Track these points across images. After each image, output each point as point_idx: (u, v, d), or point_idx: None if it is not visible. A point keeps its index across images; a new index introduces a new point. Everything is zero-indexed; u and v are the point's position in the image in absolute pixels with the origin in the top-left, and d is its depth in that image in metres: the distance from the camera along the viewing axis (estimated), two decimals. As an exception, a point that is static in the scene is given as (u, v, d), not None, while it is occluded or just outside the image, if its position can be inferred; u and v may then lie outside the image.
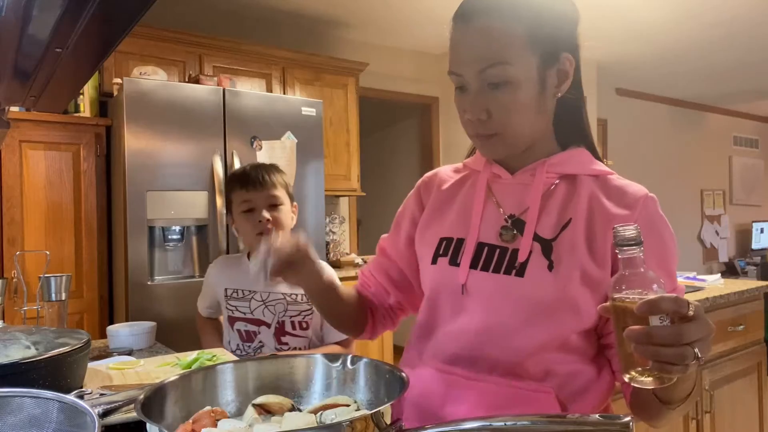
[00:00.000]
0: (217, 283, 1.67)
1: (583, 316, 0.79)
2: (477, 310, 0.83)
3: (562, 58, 0.82)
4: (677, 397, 0.73)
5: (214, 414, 0.68)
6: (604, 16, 3.97)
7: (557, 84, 0.83)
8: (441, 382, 0.80)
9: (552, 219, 0.82)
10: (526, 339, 0.80)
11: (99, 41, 0.78)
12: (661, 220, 0.83)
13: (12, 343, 0.97)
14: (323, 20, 3.95)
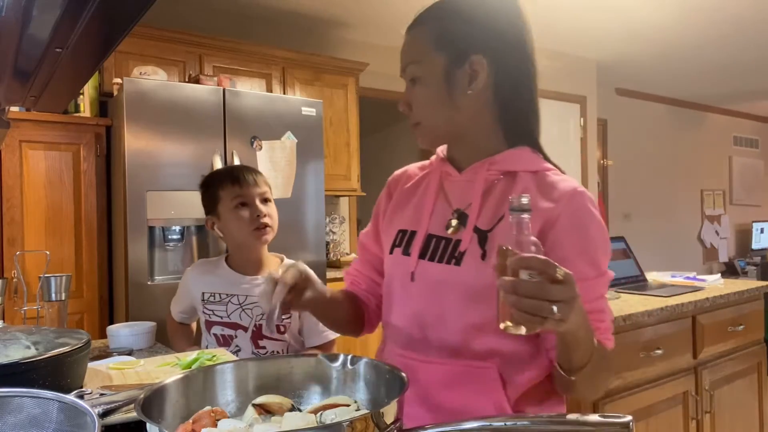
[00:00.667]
0: (194, 287, 1.63)
1: None
2: (423, 297, 0.92)
3: (472, 60, 0.89)
4: (575, 366, 0.80)
5: (214, 414, 0.68)
6: (604, 16, 3.97)
7: (468, 83, 0.90)
8: (400, 365, 0.82)
9: (490, 212, 0.90)
10: (465, 322, 0.88)
11: (99, 41, 0.78)
12: (587, 213, 0.87)
13: (12, 343, 0.97)
14: (323, 20, 3.94)
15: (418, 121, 0.94)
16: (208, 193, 1.62)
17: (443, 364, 0.89)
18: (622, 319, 1.86)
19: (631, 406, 1.88)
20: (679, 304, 2.06)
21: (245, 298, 1.56)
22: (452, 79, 0.90)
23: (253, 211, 1.55)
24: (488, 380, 0.87)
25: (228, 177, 1.58)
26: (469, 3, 0.92)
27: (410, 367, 0.86)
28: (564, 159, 4.85)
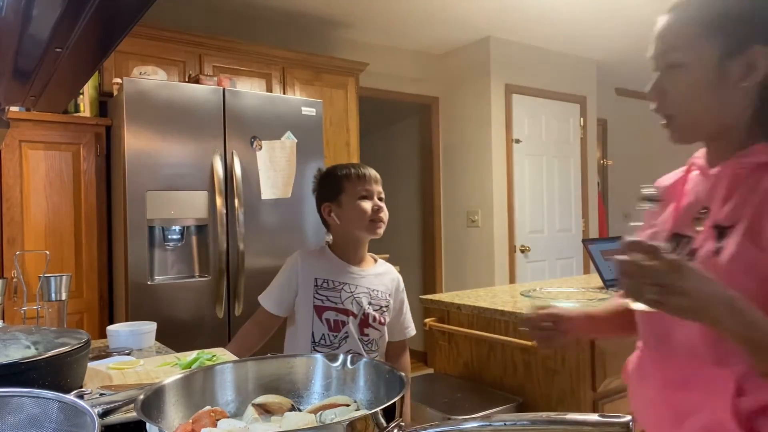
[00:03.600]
0: (307, 273, 1.68)
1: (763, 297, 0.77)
2: None
3: (751, 51, 0.82)
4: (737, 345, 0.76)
5: (214, 414, 0.68)
6: (604, 16, 3.97)
7: (742, 76, 0.83)
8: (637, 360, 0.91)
9: (734, 208, 0.83)
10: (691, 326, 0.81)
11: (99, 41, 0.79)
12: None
13: (12, 343, 0.97)
14: (323, 20, 3.95)
15: (672, 112, 0.88)
16: (330, 182, 1.75)
17: (679, 362, 0.85)
18: (622, 319, 1.86)
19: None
20: (679, 304, 2.06)
21: (356, 287, 1.67)
22: (725, 69, 0.83)
23: (374, 205, 1.67)
24: (719, 385, 0.80)
25: (354, 171, 1.71)
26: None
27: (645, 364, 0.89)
28: (564, 159, 4.85)
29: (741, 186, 0.85)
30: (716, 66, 0.83)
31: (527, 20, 4.03)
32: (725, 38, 0.82)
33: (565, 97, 4.84)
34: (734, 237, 0.81)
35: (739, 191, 0.84)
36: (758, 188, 0.82)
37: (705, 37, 0.83)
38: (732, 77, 0.83)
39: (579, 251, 4.84)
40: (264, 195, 2.86)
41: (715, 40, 0.83)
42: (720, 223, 0.84)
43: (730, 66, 0.83)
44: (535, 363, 1.90)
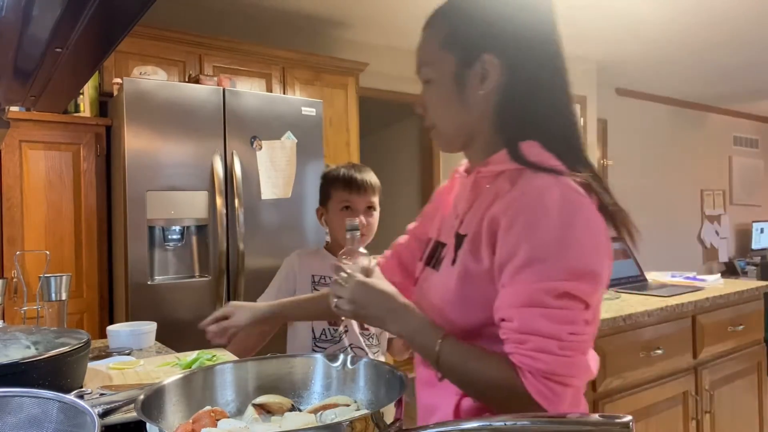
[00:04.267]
0: (303, 271, 1.72)
1: (477, 307, 0.82)
2: (420, 301, 0.93)
3: (483, 60, 0.86)
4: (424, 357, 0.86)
5: (214, 414, 0.68)
6: (604, 16, 3.97)
7: (479, 82, 0.87)
8: None
9: (472, 216, 0.87)
10: (446, 326, 0.84)
11: (99, 41, 0.79)
12: (535, 213, 0.76)
13: (12, 343, 0.97)
14: (323, 20, 3.94)
15: (433, 123, 0.93)
16: (323, 187, 1.76)
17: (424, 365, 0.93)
18: (622, 319, 1.86)
19: (631, 406, 1.88)
20: (679, 304, 2.06)
21: None
22: (463, 79, 0.88)
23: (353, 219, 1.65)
24: (451, 386, 0.84)
25: (342, 180, 1.70)
26: (477, 4, 0.89)
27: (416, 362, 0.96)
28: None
29: (481, 195, 0.88)
30: (456, 77, 0.88)
31: (527, 20, 4.03)
32: (461, 50, 0.87)
33: (565, 97, 4.84)
34: (465, 246, 0.85)
35: (479, 200, 0.87)
36: (489, 197, 0.85)
37: (444, 51, 0.89)
38: (470, 86, 0.87)
39: (579, 251, 4.84)
40: (264, 195, 2.86)
41: (453, 53, 0.88)
42: (460, 231, 0.88)
43: (467, 76, 0.87)
44: (535, 363, 1.90)
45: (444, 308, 0.85)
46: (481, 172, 0.89)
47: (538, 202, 0.76)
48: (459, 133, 0.92)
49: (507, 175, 0.84)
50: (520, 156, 0.83)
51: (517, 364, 0.74)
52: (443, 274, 0.88)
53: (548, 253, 0.74)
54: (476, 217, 0.85)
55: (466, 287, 0.83)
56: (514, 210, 0.77)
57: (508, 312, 0.75)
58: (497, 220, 0.79)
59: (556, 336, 0.72)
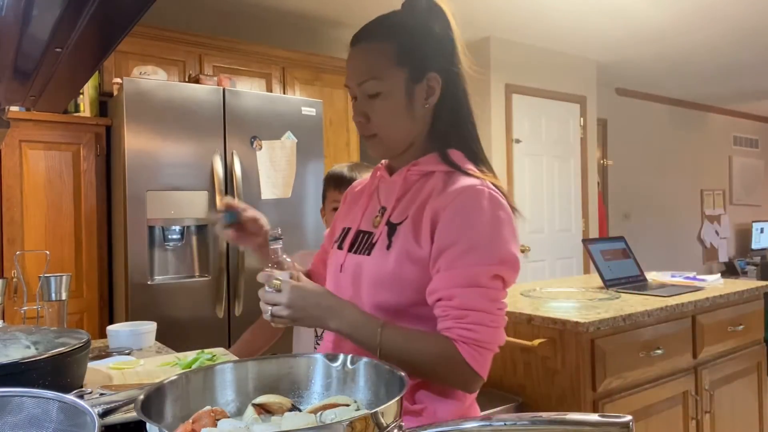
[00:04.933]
0: None
1: (412, 288, 0.93)
2: (347, 285, 1.01)
3: (429, 77, 0.98)
4: (365, 347, 0.90)
5: (214, 414, 0.68)
6: (605, 16, 3.97)
7: (425, 97, 0.98)
8: (331, 343, 1.03)
9: (403, 208, 0.98)
10: (373, 305, 0.95)
11: (99, 41, 0.79)
12: (473, 209, 0.90)
13: (12, 342, 0.97)
14: (323, 20, 3.94)
15: (375, 132, 1.00)
16: (323, 187, 1.77)
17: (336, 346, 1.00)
18: (622, 319, 1.86)
19: (631, 406, 1.88)
20: (679, 304, 2.06)
21: None
22: (412, 93, 0.98)
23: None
24: None
25: (333, 180, 1.71)
26: (421, 23, 0.99)
27: (338, 345, 1.00)
28: (564, 159, 4.85)
29: (411, 190, 1.00)
30: (406, 91, 0.97)
31: (527, 20, 4.03)
32: (411, 68, 0.97)
33: (565, 97, 4.84)
34: (401, 233, 0.95)
35: (409, 194, 1.00)
36: (422, 192, 0.97)
37: (395, 67, 0.97)
38: (419, 99, 0.98)
39: (579, 251, 4.84)
40: (264, 195, 2.86)
41: (403, 70, 0.97)
42: (392, 220, 0.98)
43: (416, 90, 0.98)
44: (535, 363, 1.90)
45: (377, 289, 0.95)
46: (411, 171, 1.01)
47: (474, 201, 0.90)
48: (404, 141, 1.01)
49: (438, 175, 0.98)
50: (451, 161, 0.98)
51: (455, 337, 0.87)
52: (377, 258, 0.96)
53: (483, 243, 0.89)
54: (410, 208, 0.97)
55: (404, 269, 0.93)
56: (455, 206, 0.91)
57: (449, 292, 0.88)
58: (438, 213, 0.92)
59: (489, 311, 0.88)
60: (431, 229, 0.92)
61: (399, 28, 0.99)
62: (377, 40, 0.99)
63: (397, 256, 0.93)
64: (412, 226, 0.94)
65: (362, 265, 0.99)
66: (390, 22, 1.00)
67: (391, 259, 0.94)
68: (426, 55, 0.98)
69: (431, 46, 0.99)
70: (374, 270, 0.96)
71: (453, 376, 0.90)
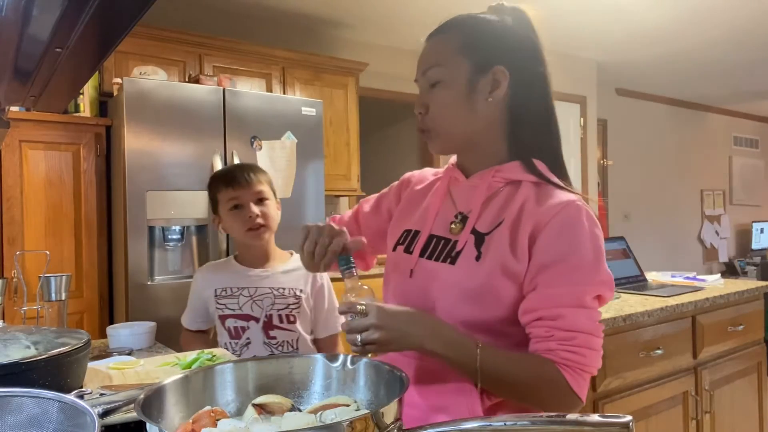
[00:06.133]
0: (206, 287, 1.67)
1: (503, 304, 0.88)
2: (419, 293, 0.95)
3: (495, 69, 0.93)
4: (464, 373, 0.85)
5: (214, 414, 0.68)
6: (605, 16, 3.97)
7: (489, 90, 0.93)
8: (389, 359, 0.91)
9: (490, 217, 0.93)
10: (455, 320, 0.88)
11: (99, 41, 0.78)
12: (575, 225, 0.87)
13: (12, 343, 0.97)
14: (323, 20, 3.94)
15: (433, 125, 0.96)
16: (210, 195, 1.68)
17: (423, 360, 0.91)
18: (622, 319, 1.86)
19: (631, 406, 1.88)
20: (679, 304, 2.06)
21: (255, 289, 1.62)
22: (475, 85, 0.93)
23: (245, 213, 1.60)
24: (467, 387, 0.87)
25: (222, 180, 1.64)
26: (492, 17, 0.96)
27: (394, 360, 0.89)
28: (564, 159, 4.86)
29: (497, 197, 0.94)
30: (468, 81, 0.93)
31: (527, 20, 4.03)
32: (475, 58, 0.93)
33: (565, 97, 4.84)
34: (493, 244, 0.89)
35: (496, 202, 0.94)
36: (513, 201, 0.92)
37: (459, 56, 0.93)
38: (481, 92, 0.93)
39: (579, 251, 4.84)
40: (264, 195, 2.86)
41: (468, 59, 0.93)
42: (478, 229, 0.92)
43: (479, 82, 0.93)
44: (535, 363, 1.90)
45: (463, 302, 0.89)
46: (496, 177, 0.95)
47: (577, 218, 0.87)
48: (461, 135, 0.96)
49: (526, 185, 0.93)
50: (539, 172, 0.94)
51: (558, 360, 0.83)
52: (465, 269, 0.90)
53: (587, 262, 0.86)
54: (501, 217, 0.91)
55: (497, 283, 0.87)
56: (558, 222, 0.87)
57: (554, 311, 0.83)
58: (539, 227, 0.87)
59: (595, 333, 0.86)
60: (530, 243, 0.87)
61: (469, 21, 0.96)
62: (446, 32, 0.96)
63: (490, 268, 0.88)
64: (509, 237, 0.89)
65: (444, 275, 0.92)
66: (463, 18, 0.96)
67: (482, 272, 0.88)
68: (494, 47, 0.93)
69: (503, 41, 0.94)
70: (461, 282, 0.90)
71: (554, 400, 0.85)
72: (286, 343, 1.61)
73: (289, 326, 1.61)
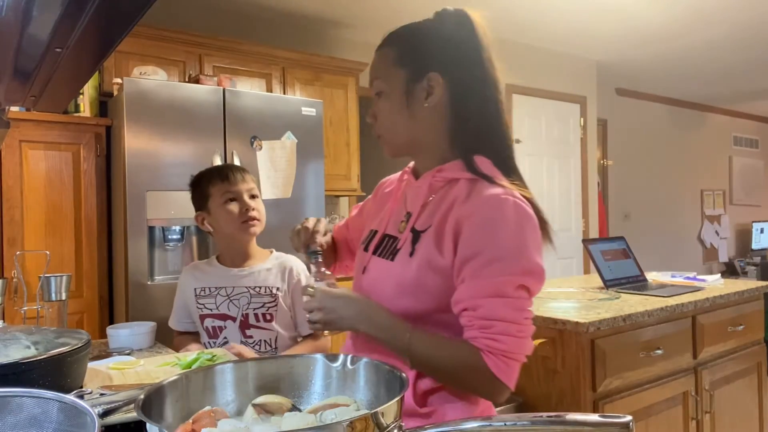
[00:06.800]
0: (187, 287, 1.69)
1: (434, 296, 0.94)
2: (369, 287, 1.04)
3: (429, 76, 0.98)
4: (395, 352, 0.92)
5: (214, 414, 0.68)
6: (605, 16, 3.97)
7: (425, 96, 0.99)
8: (350, 341, 1.07)
9: (427, 215, 0.99)
10: (398, 313, 0.95)
11: (99, 41, 0.79)
12: (497, 218, 0.90)
13: (12, 343, 0.97)
14: (323, 20, 3.95)
15: (382, 132, 1.04)
16: (198, 191, 1.69)
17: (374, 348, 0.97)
18: (622, 319, 1.86)
19: (631, 406, 1.88)
20: (679, 304, 2.06)
21: (232, 289, 1.64)
22: (411, 92, 0.99)
23: (242, 205, 1.64)
24: (405, 370, 0.90)
25: (217, 174, 1.67)
26: (429, 26, 1.02)
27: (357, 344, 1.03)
28: (564, 159, 4.85)
29: (435, 196, 1.00)
30: (405, 90, 0.99)
31: (527, 20, 4.03)
32: (410, 67, 0.99)
33: (565, 97, 4.84)
34: (425, 241, 0.96)
35: (433, 201, 1.00)
36: (445, 200, 0.98)
37: (396, 67, 1.00)
38: (418, 99, 0.99)
39: (579, 251, 4.84)
40: (264, 195, 2.86)
41: (403, 69, 0.99)
42: (417, 228, 0.99)
43: (414, 90, 0.99)
44: (535, 363, 1.90)
45: (400, 296, 0.96)
46: (437, 177, 1.01)
47: (498, 211, 0.90)
48: (406, 140, 1.03)
49: (462, 183, 0.97)
50: (477, 169, 0.97)
51: (482, 347, 0.87)
52: (400, 264, 0.97)
53: (507, 253, 0.88)
54: (435, 216, 0.97)
55: (426, 277, 0.94)
56: (479, 217, 0.91)
57: (473, 302, 0.88)
58: (461, 223, 0.92)
59: (515, 321, 0.88)
60: (454, 238, 0.92)
61: (406, 32, 1.02)
62: (387, 44, 1.03)
63: (418, 264, 0.94)
64: (435, 235, 0.95)
65: (384, 270, 1.00)
66: (404, 28, 1.03)
67: (413, 267, 0.95)
68: (428, 55, 0.99)
69: (438, 48, 0.99)
70: (397, 276, 0.97)
71: (479, 386, 0.91)
72: (264, 342, 1.62)
73: (266, 325, 1.63)
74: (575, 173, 4.94)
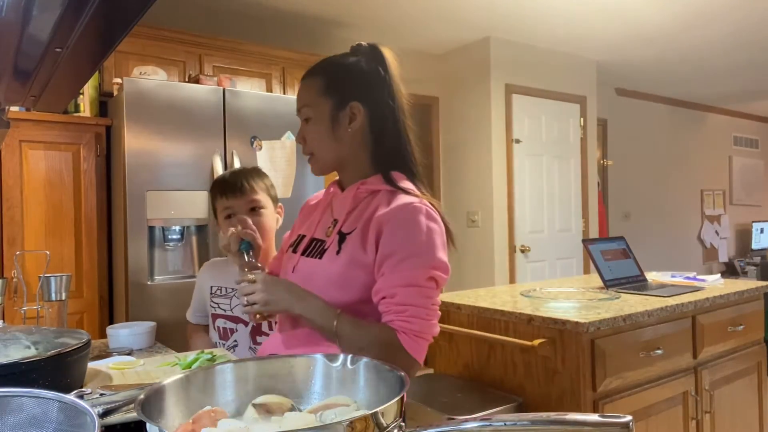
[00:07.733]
0: (205, 283, 1.71)
1: (358, 288, 1.09)
2: (299, 284, 1.14)
3: (352, 105, 1.14)
4: (323, 332, 1.08)
5: (214, 414, 0.68)
6: (605, 16, 3.97)
7: (348, 123, 1.15)
8: (280, 339, 1.19)
9: (352, 220, 1.14)
10: None
11: (99, 41, 0.79)
12: (410, 222, 1.06)
13: (12, 343, 0.97)
14: (323, 20, 3.94)
15: (311, 152, 1.18)
16: (210, 202, 1.71)
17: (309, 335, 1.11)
18: (622, 319, 1.86)
19: (631, 406, 1.88)
20: (679, 304, 2.06)
21: None
22: (337, 119, 1.15)
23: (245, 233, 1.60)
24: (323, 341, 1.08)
25: (218, 188, 1.64)
26: (349, 60, 1.19)
27: (288, 340, 1.16)
28: (564, 159, 4.85)
29: (359, 205, 1.16)
30: (331, 117, 1.15)
31: (527, 20, 4.03)
32: (335, 97, 1.15)
33: (565, 97, 4.84)
34: (350, 241, 1.10)
35: (358, 209, 1.15)
36: (369, 207, 1.13)
37: (323, 96, 1.15)
38: (342, 124, 1.15)
39: (579, 251, 4.84)
40: (264, 195, 2.86)
41: (329, 99, 1.15)
42: (343, 231, 1.14)
43: (339, 116, 1.15)
44: (535, 363, 1.90)
45: (328, 289, 1.09)
46: (361, 189, 1.16)
47: (413, 216, 1.07)
48: (332, 160, 1.18)
49: (383, 193, 1.14)
50: (393, 182, 1.14)
51: (397, 327, 1.03)
52: (328, 261, 1.11)
53: (420, 251, 1.05)
54: (359, 220, 1.12)
55: (351, 272, 1.08)
56: (396, 221, 1.07)
57: (391, 291, 1.03)
58: (382, 226, 1.07)
59: (424, 306, 1.04)
60: (376, 239, 1.07)
61: (331, 65, 1.18)
62: (313, 76, 1.18)
63: (345, 260, 1.09)
64: (360, 236, 1.09)
65: (314, 268, 1.14)
66: (327, 62, 1.19)
67: (340, 263, 1.09)
68: (350, 87, 1.15)
69: (359, 81, 1.16)
70: (325, 272, 1.11)
71: (392, 358, 0.99)
72: None
73: None
74: (575, 173, 4.94)
